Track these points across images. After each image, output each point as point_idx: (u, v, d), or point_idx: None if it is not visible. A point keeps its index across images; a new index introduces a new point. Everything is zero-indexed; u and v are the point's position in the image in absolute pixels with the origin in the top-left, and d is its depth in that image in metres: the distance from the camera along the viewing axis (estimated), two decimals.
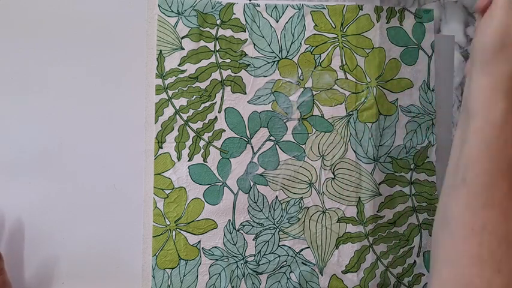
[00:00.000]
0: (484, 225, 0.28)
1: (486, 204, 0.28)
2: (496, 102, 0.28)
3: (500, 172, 0.28)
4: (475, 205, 0.29)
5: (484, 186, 0.28)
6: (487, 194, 0.28)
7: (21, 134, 0.42)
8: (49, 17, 0.42)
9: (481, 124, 0.29)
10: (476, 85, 0.29)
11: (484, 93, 0.29)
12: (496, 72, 0.28)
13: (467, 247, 0.29)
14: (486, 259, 0.28)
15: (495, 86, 0.28)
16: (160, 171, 0.42)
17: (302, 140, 0.44)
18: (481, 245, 0.28)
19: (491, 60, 0.29)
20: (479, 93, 0.29)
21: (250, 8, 0.44)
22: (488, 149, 0.28)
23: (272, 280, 0.44)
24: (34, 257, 0.41)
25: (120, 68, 0.43)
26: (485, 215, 0.28)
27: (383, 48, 0.46)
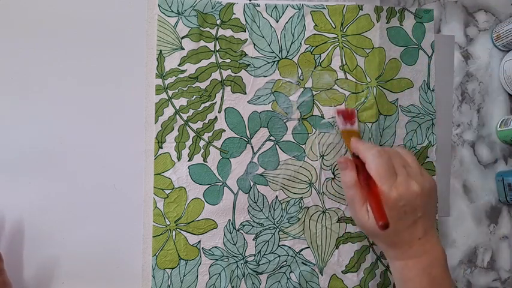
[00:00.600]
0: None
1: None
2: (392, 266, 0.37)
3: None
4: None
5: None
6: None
7: (21, 134, 0.42)
8: (49, 17, 0.42)
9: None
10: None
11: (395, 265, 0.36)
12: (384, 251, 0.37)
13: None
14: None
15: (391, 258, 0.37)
16: (160, 171, 0.42)
17: (302, 140, 0.44)
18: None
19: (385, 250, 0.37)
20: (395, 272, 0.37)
21: (250, 8, 0.44)
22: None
23: (272, 280, 0.44)
24: (34, 256, 0.41)
25: (120, 68, 0.43)
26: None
27: (383, 48, 0.46)
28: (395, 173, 0.35)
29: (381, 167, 0.34)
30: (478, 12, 0.49)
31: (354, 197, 0.36)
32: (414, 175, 0.35)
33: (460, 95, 0.48)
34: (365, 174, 0.36)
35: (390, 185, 0.34)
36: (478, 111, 0.48)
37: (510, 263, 0.48)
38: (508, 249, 0.48)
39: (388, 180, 0.34)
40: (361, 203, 0.35)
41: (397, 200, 0.33)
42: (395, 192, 0.33)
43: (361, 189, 0.36)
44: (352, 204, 0.36)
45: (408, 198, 0.34)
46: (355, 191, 0.36)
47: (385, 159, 0.35)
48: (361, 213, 0.35)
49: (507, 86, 0.47)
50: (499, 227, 0.48)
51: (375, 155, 0.35)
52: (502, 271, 0.48)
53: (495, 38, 0.48)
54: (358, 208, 0.35)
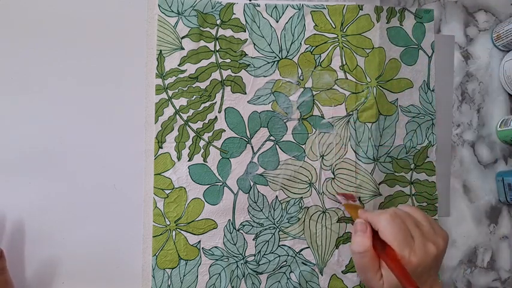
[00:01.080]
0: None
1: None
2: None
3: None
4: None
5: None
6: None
7: (21, 134, 0.42)
8: (49, 17, 0.42)
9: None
10: None
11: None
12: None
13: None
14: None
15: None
16: (160, 171, 0.42)
17: (302, 140, 0.44)
18: None
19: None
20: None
21: (250, 8, 0.44)
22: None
23: (272, 280, 0.44)
24: (34, 256, 0.41)
25: (120, 68, 0.43)
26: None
27: (383, 48, 0.46)
28: (411, 236, 0.34)
29: (397, 232, 0.34)
30: (478, 12, 0.49)
31: (368, 265, 0.35)
32: (428, 235, 0.35)
33: (460, 95, 0.48)
34: (379, 240, 0.35)
35: (409, 251, 0.33)
36: (478, 111, 0.48)
37: (510, 263, 0.48)
38: (508, 249, 0.48)
39: (406, 246, 0.33)
40: (375, 270, 0.34)
41: (416, 266, 0.33)
42: (415, 258, 0.33)
43: (375, 256, 0.35)
44: (364, 271, 0.35)
45: (426, 261, 0.33)
46: (369, 258, 0.35)
47: (398, 224, 0.34)
48: (375, 279, 0.34)
49: (507, 86, 0.47)
50: (499, 227, 0.48)
51: (388, 220, 0.35)
52: (502, 271, 0.48)
53: (495, 38, 0.48)
54: (372, 275, 0.35)
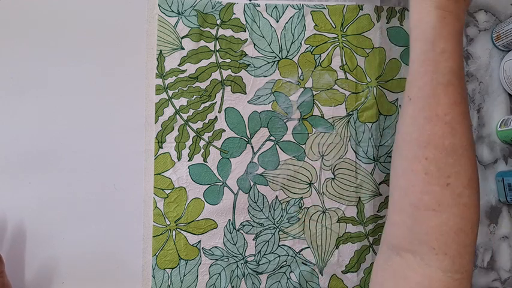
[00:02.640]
0: (430, 140, 0.28)
1: (430, 117, 0.28)
2: (427, 16, 0.29)
3: (441, 85, 0.28)
4: (419, 120, 0.28)
5: (427, 100, 0.28)
6: (430, 107, 0.28)
7: (21, 134, 0.42)
8: (49, 17, 0.42)
9: (416, 38, 0.29)
10: (413, 2, 0.30)
11: (418, 8, 0.29)
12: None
13: (415, 165, 0.28)
14: (433, 174, 0.27)
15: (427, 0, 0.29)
16: (161, 171, 0.42)
17: (302, 140, 0.44)
18: (428, 159, 0.28)
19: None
20: (414, 10, 0.30)
21: (250, 8, 0.44)
22: (425, 63, 0.28)
23: (272, 280, 0.44)
24: (34, 256, 0.41)
25: (120, 68, 0.43)
26: (430, 129, 0.28)
27: (383, 48, 0.46)
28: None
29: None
30: (478, 12, 0.49)
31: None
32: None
33: None
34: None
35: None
36: (478, 111, 0.48)
37: (510, 263, 0.48)
38: (508, 249, 0.48)
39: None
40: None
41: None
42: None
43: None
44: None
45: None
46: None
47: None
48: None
49: (507, 86, 0.47)
50: (499, 227, 0.48)
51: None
52: (502, 271, 0.48)
53: (495, 38, 0.48)
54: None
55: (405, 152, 0.29)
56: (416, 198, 0.28)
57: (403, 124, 0.30)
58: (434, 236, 0.27)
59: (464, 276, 0.27)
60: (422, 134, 0.28)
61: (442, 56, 0.28)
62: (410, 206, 0.28)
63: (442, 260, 0.27)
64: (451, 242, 0.27)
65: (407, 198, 0.29)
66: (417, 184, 0.28)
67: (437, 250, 0.27)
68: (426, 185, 0.28)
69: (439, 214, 0.27)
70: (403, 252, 0.29)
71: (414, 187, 0.28)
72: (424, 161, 0.28)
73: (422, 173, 0.28)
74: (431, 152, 0.27)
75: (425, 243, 0.28)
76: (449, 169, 0.27)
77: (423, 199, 0.28)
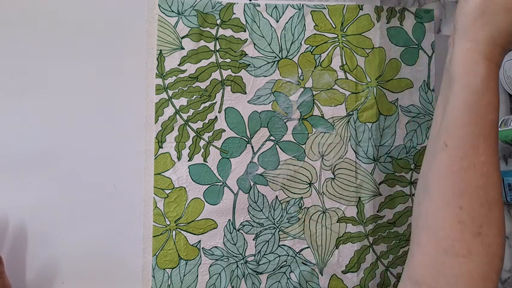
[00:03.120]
0: (465, 189, 0.28)
1: (468, 167, 0.28)
2: (476, 67, 0.29)
3: (482, 136, 0.28)
4: (456, 169, 0.29)
5: (466, 149, 0.28)
6: (469, 158, 0.28)
7: (21, 134, 0.42)
8: (49, 17, 0.42)
9: (462, 88, 0.29)
10: (458, 50, 0.30)
11: (465, 58, 0.29)
12: (476, 38, 0.29)
13: (447, 212, 0.29)
14: (466, 223, 0.28)
15: (475, 50, 0.29)
16: (161, 171, 0.42)
17: (302, 140, 0.44)
18: (462, 208, 0.28)
19: (472, 26, 0.29)
20: (461, 58, 0.29)
21: (250, 7, 0.44)
22: (470, 113, 0.29)
23: (272, 280, 0.44)
24: (34, 256, 0.41)
25: (120, 68, 0.43)
26: (466, 178, 0.28)
27: (383, 48, 0.46)
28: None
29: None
30: None
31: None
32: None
33: None
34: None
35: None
36: None
37: (510, 263, 0.48)
38: (508, 249, 0.48)
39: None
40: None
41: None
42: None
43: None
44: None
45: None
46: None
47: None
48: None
49: (507, 86, 0.47)
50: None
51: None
52: (502, 271, 0.48)
53: None
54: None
55: (437, 197, 0.30)
56: (447, 244, 0.28)
57: (435, 168, 0.30)
58: (461, 281, 0.28)
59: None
60: (458, 183, 0.28)
61: (487, 108, 0.28)
62: (439, 250, 0.29)
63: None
64: (476, 287, 0.28)
65: (436, 241, 0.29)
66: (448, 230, 0.28)
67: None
68: (458, 233, 0.28)
69: (469, 261, 0.28)
70: (426, 287, 0.30)
71: (445, 233, 0.29)
72: (457, 209, 0.28)
73: (456, 221, 0.28)
74: (466, 201, 0.28)
75: (452, 285, 0.28)
76: (482, 219, 0.28)
77: (454, 246, 0.28)
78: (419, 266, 0.30)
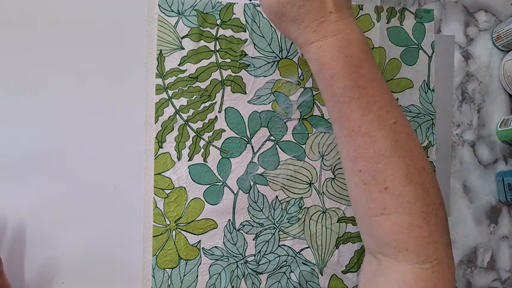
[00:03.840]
0: (356, 154, 0.30)
1: (349, 134, 0.30)
2: (306, 54, 0.32)
3: (344, 104, 0.30)
4: (342, 138, 0.31)
5: (339, 120, 0.31)
6: (345, 126, 0.30)
7: (21, 134, 0.42)
8: (49, 17, 0.42)
9: (313, 71, 0.32)
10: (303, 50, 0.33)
11: (303, 51, 0.32)
12: (287, 34, 0.33)
13: (353, 178, 0.31)
14: (370, 182, 0.30)
15: (297, 43, 0.33)
16: (161, 171, 0.42)
17: (302, 140, 0.44)
18: (361, 171, 0.30)
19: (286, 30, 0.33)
20: (305, 54, 0.32)
21: (250, 7, 0.44)
22: (325, 90, 0.31)
23: (272, 280, 0.44)
24: (34, 256, 0.41)
25: (120, 68, 0.43)
26: (352, 144, 0.30)
27: (383, 48, 0.46)
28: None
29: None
30: (478, 12, 0.49)
31: None
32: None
33: (460, 95, 0.48)
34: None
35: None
36: (478, 111, 0.48)
37: (510, 263, 0.48)
38: (508, 249, 0.48)
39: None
40: None
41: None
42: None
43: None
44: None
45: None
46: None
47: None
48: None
49: (507, 86, 0.47)
50: (499, 227, 0.48)
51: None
52: (502, 271, 0.48)
53: (495, 38, 0.48)
54: None
55: (345, 168, 0.32)
56: (365, 207, 0.30)
57: (337, 143, 0.33)
58: (390, 236, 0.29)
59: (435, 264, 0.28)
60: (349, 149, 0.31)
61: (333, 80, 0.30)
62: (363, 215, 0.31)
63: (406, 255, 0.29)
64: (406, 238, 0.29)
65: (359, 208, 0.31)
66: (361, 195, 0.30)
67: (398, 248, 0.29)
68: (368, 194, 0.30)
69: (387, 217, 0.29)
70: (376, 254, 0.31)
71: (360, 198, 0.31)
72: (359, 173, 0.30)
73: (362, 184, 0.30)
74: (362, 163, 0.30)
75: (386, 244, 0.30)
76: (383, 174, 0.29)
77: (370, 207, 0.30)
78: (363, 236, 0.33)
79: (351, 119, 0.30)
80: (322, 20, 0.30)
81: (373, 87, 0.30)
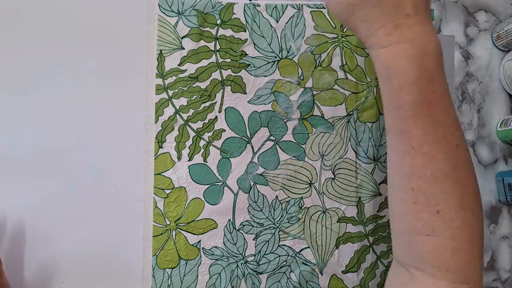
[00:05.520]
0: (412, 172, 0.29)
1: (407, 150, 0.29)
2: (377, 59, 0.30)
3: (409, 118, 0.28)
4: (399, 153, 0.29)
5: (399, 134, 0.29)
6: (404, 141, 0.29)
7: (22, 134, 0.42)
8: (49, 17, 0.42)
9: (380, 79, 0.30)
10: (371, 54, 0.32)
11: (373, 56, 0.31)
12: (366, 35, 0.31)
13: (402, 195, 0.29)
14: (421, 203, 0.28)
15: (369, 46, 0.31)
16: (161, 171, 0.42)
17: (302, 140, 0.44)
18: (414, 190, 0.29)
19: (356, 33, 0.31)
20: (372, 58, 0.31)
21: (250, 7, 0.44)
22: (389, 100, 0.29)
23: (272, 280, 0.44)
24: (34, 256, 0.41)
25: (120, 68, 0.43)
26: (409, 161, 0.29)
27: None
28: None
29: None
30: (478, 12, 0.49)
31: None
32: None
33: (460, 95, 0.48)
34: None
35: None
36: (478, 111, 0.48)
37: (510, 263, 0.48)
38: (508, 249, 0.48)
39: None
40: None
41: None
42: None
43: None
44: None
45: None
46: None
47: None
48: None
49: (507, 86, 0.47)
50: (499, 227, 0.48)
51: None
52: (502, 271, 0.48)
53: (495, 38, 0.48)
54: None
55: (394, 182, 0.31)
56: (410, 225, 0.29)
57: (388, 154, 0.32)
58: (432, 256, 0.28)
59: (472, 286, 0.28)
60: (405, 166, 0.29)
61: (400, 92, 0.28)
62: (406, 231, 0.30)
63: (445, 274, 0.28)
64: (449, 260, 0.28)
65: (402, 223, 0.30)
66: (408, 212, 0.29)
67: (438, 267, 0.28)
68: (417, 213, 0.29)
69: (433, 238, 0.28)
70: (408, 267, 0.31)
71: (406, 215, 0.30)
72: (411, 191, 0.29)
73: (411, 203, 0.29)
74: (416, 182, 0.28)
75: (425, 262, 0.29)
76: (437, 197, 0.28)
77: (416, 226, 0.29)
78: (398, 248, 0.32)
79: (413, 135, 0.28)
80: (398, 22, 0.28)
81: (441, 106, 0.28)
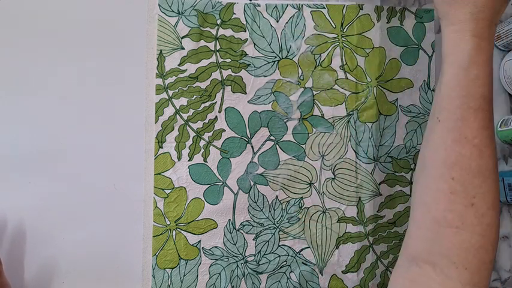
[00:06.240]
0: (457, 161, 0.29)
1: (459, 139, 0.29)
2: (461, 43, 0.30)
3: (471, 109, 0.29)
4: (447, 141, 0.29)
5: (456, 122, 0.29)
6: (460, 130, 0.29)
7: (22, 134, 0.42)
8: (49, 17, 0.42)
9: (450, 65, 0.30)
10: (445, 34, 0.31)
11: (451, 38, 0.30)
12: (457, 19, 0.30)
13: (440, 183, 0.29)
14: (459, 193, 0.29)
15: (459, 30, 0.30)
16: (161, 171, 0.42)
17: (302, 140, 0.44)
18: (454, 179, 0.29)
19: (450, 10, 0.30)
20: (448, 40, 0.31)
21: (250, 7, 0.44)
22: (457, 87, 0.29)
23: (272, 280, 0.44)
24: (34, 256, 0.41)
25: (120, 68, 0.43)
26: (458, 150, 0.29)
27: (383, 48, 0.45)
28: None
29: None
30: None
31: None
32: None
33: None
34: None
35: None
36: None
37: (510, 263, 0.48)
38: (508, 249, 0.48)
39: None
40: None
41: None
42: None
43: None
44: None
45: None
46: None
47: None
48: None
49: (507, 86, 0.47)
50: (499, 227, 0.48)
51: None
52: (502, 271, 0.48)
53: (495, 38, 0.48)
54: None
55: (431, 171, 0.31)
56: (440, 215, 0.29)
57: (429, 143, 0.31)
58: (455, 251, 0.28)
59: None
60: (450, 154, 0.29)
61: (474, 82, 0.29)
62: (433, 222, 0.30)
63: (461, 273, 0.28)
64: (471, 258, 0.28)
65: (430, 214, 0.30)
66: (442, 202, 0.29)
67: (458, 264, 0.28)
68: (451, 204, 0.29)
69: (462, 232, 0.28)
70: (422, 263, 0.30)
71: (438, 205, 0.29)
72: (450, 180, 0.29)
73: (448, 192, 0.29)
74: (458, 172, 0.29)
75: (446, 257, 0.29)
76: (475, 190, 0.28)
77: (447, 216, 0.29)
78: (415, 241, 0.31)
79: (470, 127, 0.29)
80: (494, 22, 0.30)
81: (492, 109, 0.30)
